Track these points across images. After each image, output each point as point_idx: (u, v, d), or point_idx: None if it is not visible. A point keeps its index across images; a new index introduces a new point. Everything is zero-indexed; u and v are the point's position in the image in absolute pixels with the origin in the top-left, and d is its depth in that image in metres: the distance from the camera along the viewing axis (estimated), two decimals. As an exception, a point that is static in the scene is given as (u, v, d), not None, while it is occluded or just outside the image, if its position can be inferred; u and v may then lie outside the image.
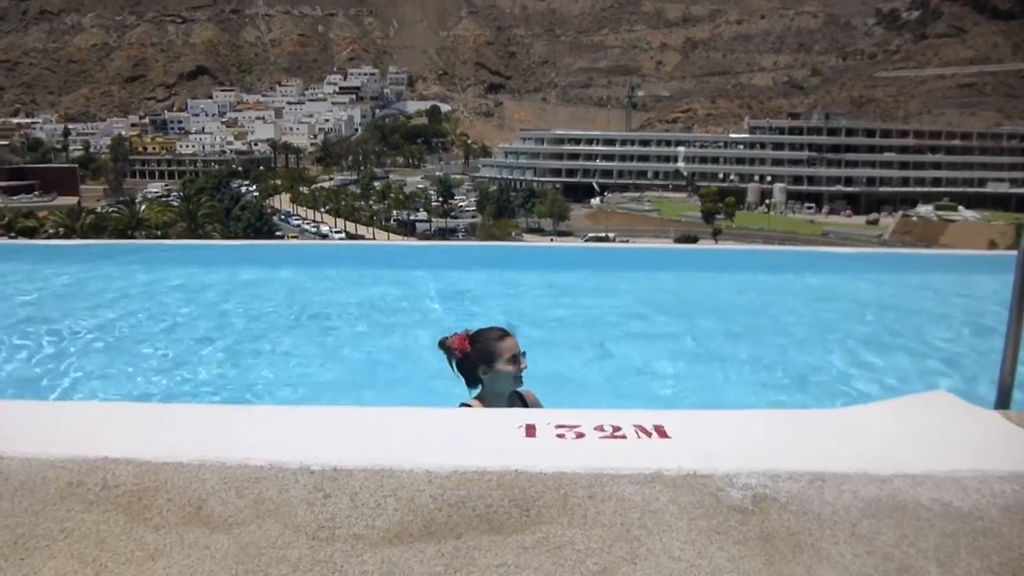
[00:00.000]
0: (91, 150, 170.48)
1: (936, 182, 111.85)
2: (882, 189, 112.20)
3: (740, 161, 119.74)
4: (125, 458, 2.27)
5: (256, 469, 2.20)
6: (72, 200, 69.77)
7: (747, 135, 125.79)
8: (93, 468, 2.24)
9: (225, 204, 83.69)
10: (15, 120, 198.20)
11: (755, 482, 2.11)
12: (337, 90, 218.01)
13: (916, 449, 2.32)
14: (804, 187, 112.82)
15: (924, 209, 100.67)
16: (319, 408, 2.97)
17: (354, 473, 2.16)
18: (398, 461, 2.20)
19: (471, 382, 3.17)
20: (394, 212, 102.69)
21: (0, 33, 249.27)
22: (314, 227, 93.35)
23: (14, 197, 76.16)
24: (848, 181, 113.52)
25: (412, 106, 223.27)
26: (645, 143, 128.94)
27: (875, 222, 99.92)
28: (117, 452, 2.29)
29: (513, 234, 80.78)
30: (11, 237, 41.49)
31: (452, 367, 3.18)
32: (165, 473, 2.22)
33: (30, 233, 51.59)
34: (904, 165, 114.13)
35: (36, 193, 77.09)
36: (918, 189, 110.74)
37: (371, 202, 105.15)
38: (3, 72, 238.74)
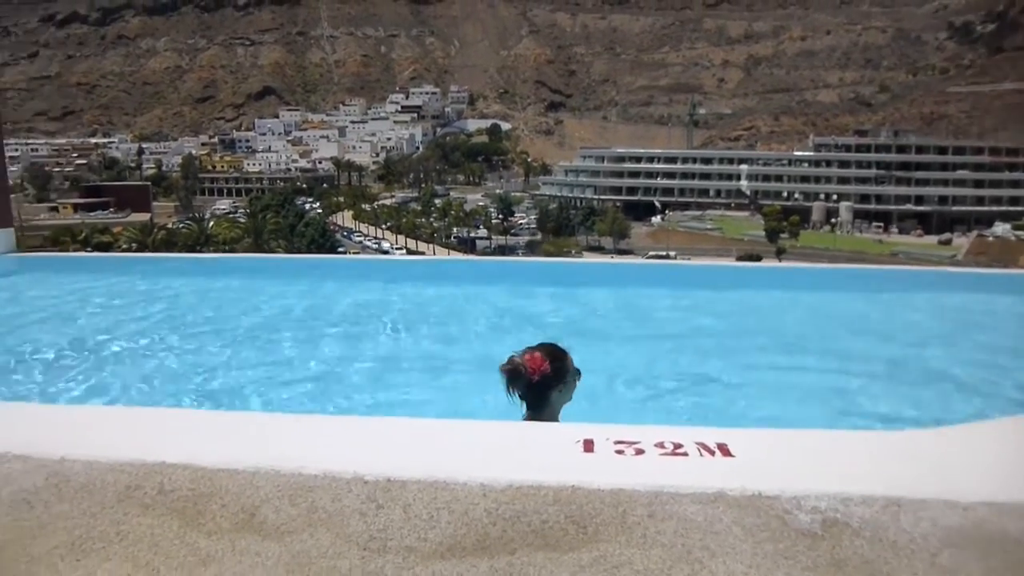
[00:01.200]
0: (163, 168, 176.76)
1: (1014, 201, 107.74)
2: (955, 208, 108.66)
3: (805, 179, 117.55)
4: (182, 463, 2.29)
5: (310, 478, 2.21)
6: (145, 216, 72.31)
7: (812, 153, 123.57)
8: (151, 472, 2.27)
9: (290, 220, 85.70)
10: (93, 140, 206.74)
11: (825, 505, 2.02)
12: (399, 109, 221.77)
13: (1001, 475, 2.19)
14: (872, 206, 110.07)
15: (1001, 228, 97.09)
16: (373, 418, 2.97)
17: (408, 484, 2.15)
18: (452, 473, 2.18)
19: (538, 405, 3.02)
20: (454, 229, 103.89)
21: (80, 57, 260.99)
22: (375, 243, 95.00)
23: (91, 213, 79.55)
24: (919, 200, 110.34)
25: (473, 124, 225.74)
26: (707, 160, 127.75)
27: (948, 242, 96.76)
28: (174, 457, 2.32)
29: (572, 252, 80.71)
30: (87, 251, 43.25)
31: (513, 392, 2.99)
32: (220, 479, 2.23)
33: (105, 247, 53.63)
34: (979, 183, 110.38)
35: (111, 210, 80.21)
36: (994, 208, 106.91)
37: (432, 219, 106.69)
38: (83, 94, 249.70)
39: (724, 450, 2.34)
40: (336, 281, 10.41)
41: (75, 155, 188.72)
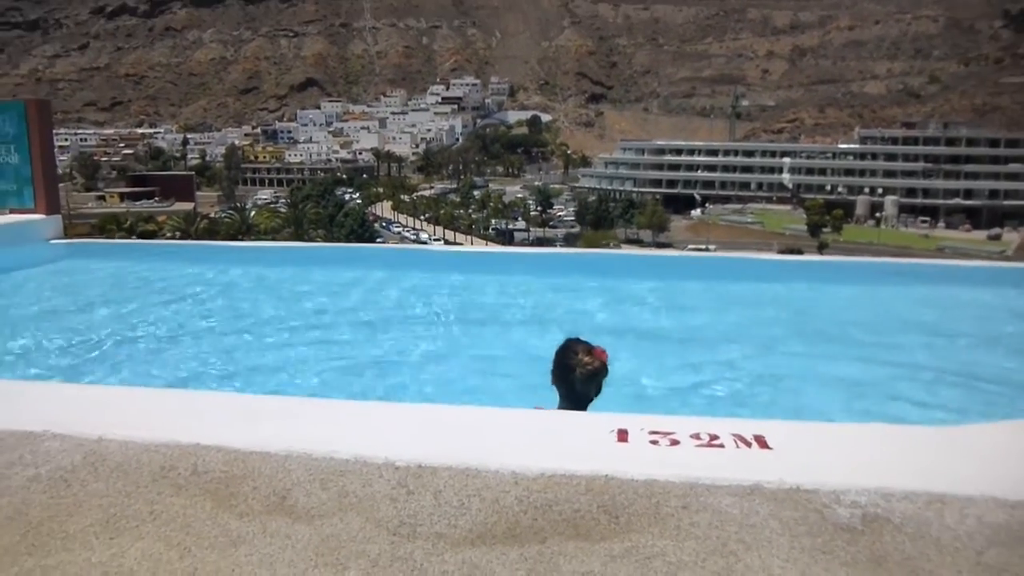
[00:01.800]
0: (207, 159, 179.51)
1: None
2: (1007, 203, 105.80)
3: (849, 172, 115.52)
4: (216, 445, 2.32)
5: (341, 462, 2.23)
6: (188, 206, 73.75)
7: (857, 146, 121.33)
8: (185, 453, 2.29)
9: (329, 211, 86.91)
10: (140, 130, 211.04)
11: (865, 500, 1.98)
12: (439, 100, 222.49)
13: (1051, 473, 2.11)
14: (918, 200, 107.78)
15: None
16: (405, 405, 2.98)
17: (439, 471, 2.16)
18: (484, 461, 2.19)
19: (588, 399, 3.15)
20: (493, 221, 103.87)
21: (129, 49, 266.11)
22: (413, 234, 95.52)
23: (137, 202, 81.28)
24: (968, 194, 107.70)
25: (513, 116, 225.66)
26: (749, 153, 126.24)
27: (997, 237, 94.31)
28: (208, 439, 2.36)
29: (611, 245, 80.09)
30: (132, 239, 44.23)
31: (581, 386, 3.12)
32: (253, 462, 2.26)
33: (150, 236, 54.79)
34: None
35: (156, 199, 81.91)
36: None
37: (470, 211, 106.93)
38: (131, 85, 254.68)
39: (761, 442, 2.31)
40: (374, 270, 10.48)
41: (122, 145, 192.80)
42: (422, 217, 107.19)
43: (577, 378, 3.13)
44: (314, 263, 11.11)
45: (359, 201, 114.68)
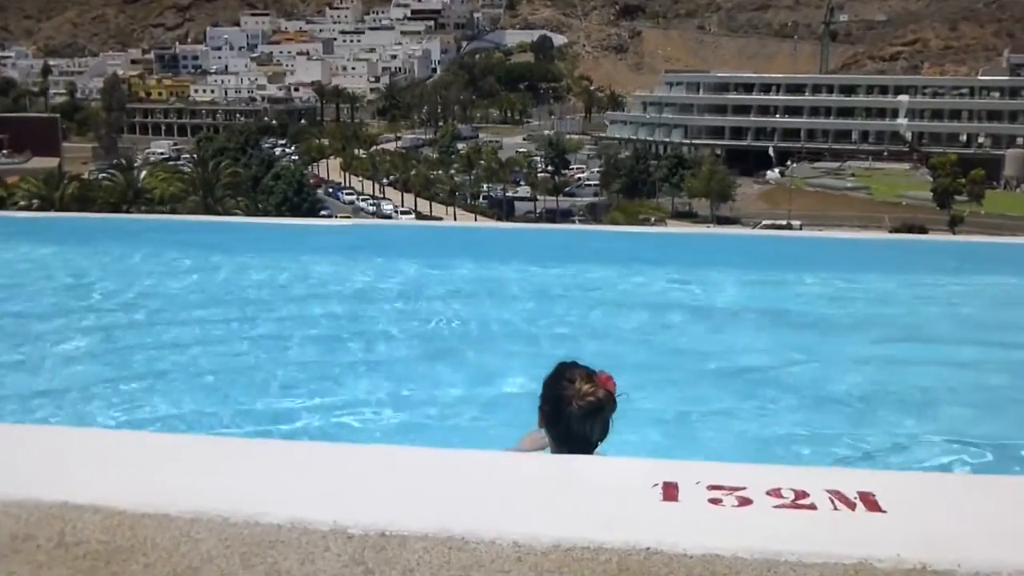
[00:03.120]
0: (77, 95, 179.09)
1: None
2: None
3: (994, 116, 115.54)
4: (91, 504, 2.31)
5: (271, 529, 2.22)
6: (51, 162, 73.27)
7: (1006, 78, 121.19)
8: (48, 517, 2.28)
9: (253, 171, 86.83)
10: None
11: (1023, 586, 2.00)
12: (408, 15, 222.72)
13: None
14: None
15: None
16: (362, 447, 2.97)
17: (409, 541, 2.16)
18: (474, 525, 2.19)
19: (587, 446, 3.27)
20: (484, 186, 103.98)
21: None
22: (373, 205, 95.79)
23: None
24: None
25: (513, 37, 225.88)
26: (849, 90, 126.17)
27: None
28: (82, 496, 2.34)
29: (652, 220, 79.21)
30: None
31: (580, 424, 3.24)
32: (145, 528, 2.25)
33: (-8, 205, 54.45)
34: None
35: (4, 152, 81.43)
36: None
37: (452, 171, 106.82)
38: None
39: (870, 502, 2.33)
40: (314, 255, 10.53)
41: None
42: (385, 180, 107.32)
43: (574, 414, 3.20)
44: (232, 244, 11.18)
45: (295, 158, 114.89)
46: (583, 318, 8.43)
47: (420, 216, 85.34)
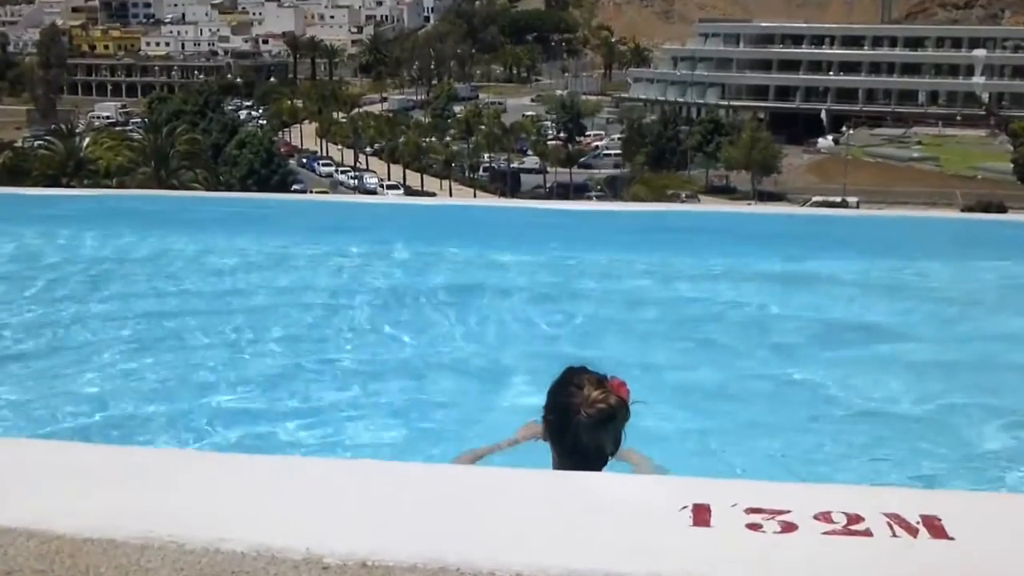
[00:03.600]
0: (10, 48, 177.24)
1: None
2: None
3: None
4: (25, 528, 2.30)
5: (233, 557, 2.21)
6: (-25, 127, 72.47)
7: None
8: (-28, 541, 2.28)
9: (214, 138, 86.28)
10: None
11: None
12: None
13: None
14: None
15: None
16: (338, 461, 2.95)
17: (394, 572, 2.16)
18: (470, 555, 2.18)
19: (598, 460, 3.38)
20: (485, 156, 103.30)
21: None
22: (355, 178, 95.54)
23: None
24: None
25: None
26: (915, 43, 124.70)
27: None
28: (14, 517, 2.34)
29: (683, 196, 78.28)
30: None
31: (590, 436, 3.33)
32: (88, 556, 2.24)
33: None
34: None
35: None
36: None
37: (448, 139, 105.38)
38: None
39: (935, 527, 2.32)
40: (285, 236, 10.51)
41: None
42: (368, 149, 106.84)
43: (582, 424, 3.28)
44: (190, 223, 11.15)
45: (263, 123, 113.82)
46: (595, 314, 8.37)
47: (410, 191, 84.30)
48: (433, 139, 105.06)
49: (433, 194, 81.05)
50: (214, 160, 79.29)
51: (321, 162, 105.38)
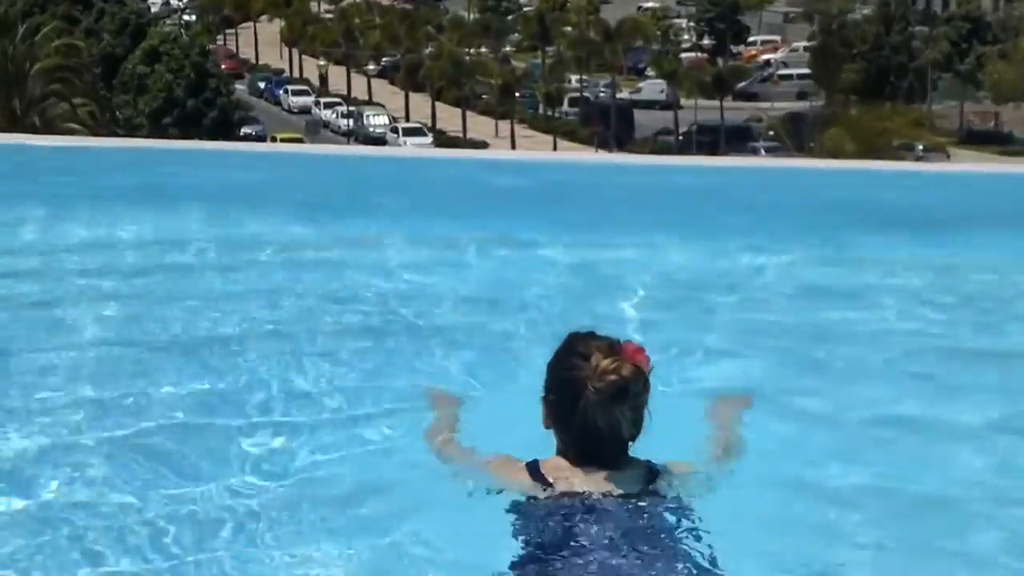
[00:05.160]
0: None
1: None
2: None
3: None
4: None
5: None
6: None
7: None
8: None
9: (105, 45, 60.79)
10: None
11: None
12: None
13: None
14: None
15: None
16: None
17: None
18: None
19: (615, 445, 3.12)
20: (571, 78, 68.31)
21: None
22: (348, 116, 66.84)
23: None
24: None
25: None
26: None
27: None
28: None
29: (918, 149, 49.37)
30: None
31: (604, 416, 3.02)
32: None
33: None
34: None
35: None
36: None
37: (509, 48, 73.86)
38: None
39: None
40: (228, 214, 8.30)
41: None
42: (371, 66, 74.34)
43: (591, 401, 2.98)
44: (68, 187, 8.90)
45: (189, 18, 79.86)
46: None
47: (442, 140, 60.36)
48: (483, 49, 72.12)
49: (484, 144, 57.23)
50: (106, 84, 55.49)
51: (291, 88, 75.12)
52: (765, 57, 79.02)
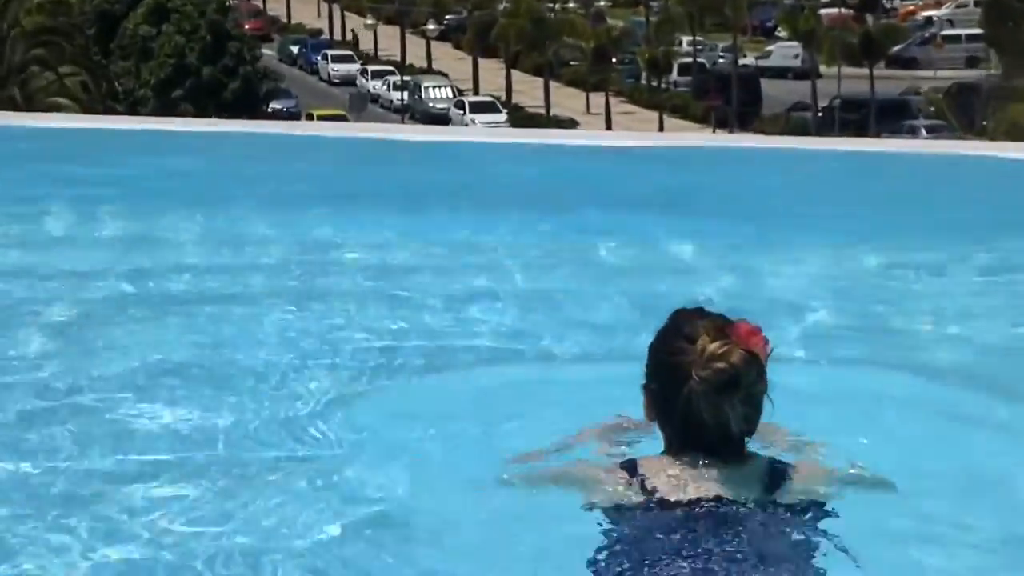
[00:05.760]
0: None
1: None
2: None
3: None
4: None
5: None
6: None
7: None
8: None
9: (101, 2, 50.42)
10: None
11: None
12: None
13: None
14: None
15: None
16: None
17: None
18: None
19: (729, 441, 2.79)
20: (681, 40, 58.06)
21: None
22: (402, 87, 57.77)
23: None
24: None
25: None
26: None
27: None
28: None
29: None
30: None
31: (710, 411, 2.70)
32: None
33: None
34: None
35: None
36: None
37: (603, 2, 62.34)
38: None
39: None
40: (255, 212, 7.22)
41: None
42: (431, 25, 61.64)
43: (695, 391, 2.68)
44: (61, 179, 7.62)
45: None
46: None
47: (520, 118, 52.72)
48: (571, 4, 62.55)
49: (573, 123, 51.13)
50: (101, 49, 47.30)
51: (332, 54, 65.40)
52: (926, 14, 67.46)
